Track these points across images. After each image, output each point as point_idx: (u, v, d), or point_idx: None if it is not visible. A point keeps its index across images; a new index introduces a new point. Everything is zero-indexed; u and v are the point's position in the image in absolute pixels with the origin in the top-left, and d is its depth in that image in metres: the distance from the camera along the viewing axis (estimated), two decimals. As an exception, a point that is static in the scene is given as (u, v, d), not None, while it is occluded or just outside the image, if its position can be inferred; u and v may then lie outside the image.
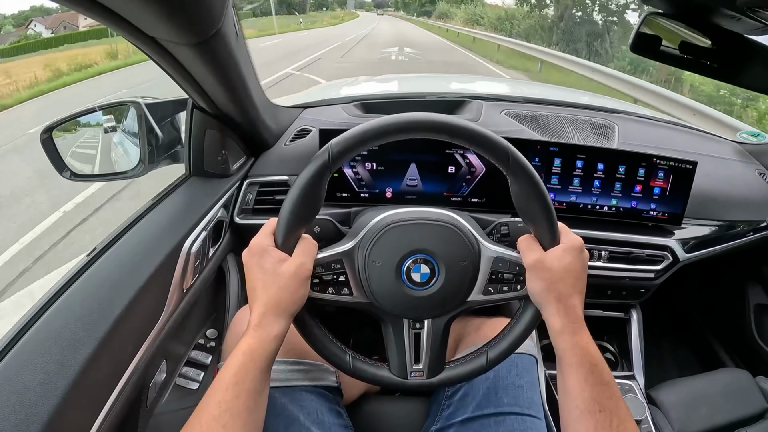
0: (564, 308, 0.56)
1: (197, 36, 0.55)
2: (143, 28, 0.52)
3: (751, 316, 1.30)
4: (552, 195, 0.97)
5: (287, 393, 0.69)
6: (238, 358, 0.51)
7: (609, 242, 0.98)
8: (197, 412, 0.49)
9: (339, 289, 0.61)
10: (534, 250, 0.58)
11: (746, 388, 1.04)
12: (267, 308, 0.54)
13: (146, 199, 0.87)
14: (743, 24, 0.65)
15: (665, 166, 0.95)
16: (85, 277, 0.65)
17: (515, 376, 0.75)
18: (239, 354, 0.52)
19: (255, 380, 0.51)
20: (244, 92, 0.78)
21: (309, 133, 1.04)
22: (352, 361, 0.62)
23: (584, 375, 0.53)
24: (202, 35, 0.56)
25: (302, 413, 0.68)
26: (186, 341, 0.94)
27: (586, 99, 1.55)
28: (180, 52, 0.59)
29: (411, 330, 0.62)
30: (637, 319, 1.11)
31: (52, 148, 0.83)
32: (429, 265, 0.60)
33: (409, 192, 0.93)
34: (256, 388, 0.52)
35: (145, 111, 0.85)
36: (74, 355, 0.54)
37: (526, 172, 0.56)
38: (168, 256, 0.73)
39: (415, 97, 1.30)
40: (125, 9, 0.47)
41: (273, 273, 0.55)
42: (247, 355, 0.52)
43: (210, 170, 0.91)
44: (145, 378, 0.75)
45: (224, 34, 0.59)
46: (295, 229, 0.57)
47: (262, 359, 0.52)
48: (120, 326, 0.61)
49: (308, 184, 0.55)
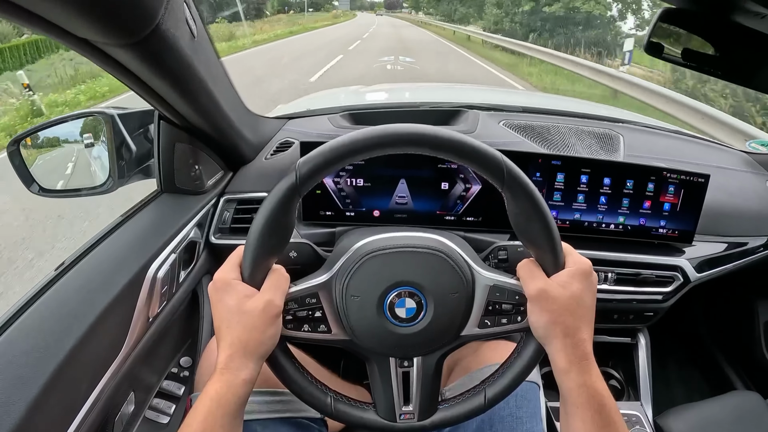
0: (571, 343, 0.51)
1: (129, 36, 0.49)
2: (69, 28, 0.45)
3: (762, 334, 1.25)
4: (554, 213, 0.90)
5: (267, 426, 0.65)
6: (206, 403, 0.48)
7: (616, 263, 0.92)
8: None
9: (315, 327, 0.55)
10: (536, 278, 0.52)
11: (758, 412, 0.99)
12: (233, 350, 0.50)
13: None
14: (766, 22, 0.60)
15: (676, 179, 0.89)
16: (36, 306, 0.60)
17: (513, 406, 0.70)
18: (207, 399, 0.48)
19: (225, 427, 0.48)
20: (209, 101, 0.72)
21: (291, 145, 0.98)
22: (334, 404, 0.56)
23: (591, 416, 0.49)
24: (135, 35, 0.49)
25: None
26: (157, 370, 0.88)
27: (588, 108, 1.50)
28: (118, 54, 0.53)
29: (399, 368, 0.57)
30: (645, 344, 1.05)
31: (19, 161, 0.79)
32: (415, 299, 0.54)
33: (398, 210, 0.86)
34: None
35: (116, 121, 0.80)
36: (20, 394, 0.50)
37: (524, 188, 0.50)
38: (131, 281, 0.68)
39: (408, 107, 1.24)
40: (41, 7, 0.40)
41: (238, 311, 0.50)
42: (215, 401, 0.48)
43: (183, 186, 0.85)
44: (110, 411, 0.69)
45: (166, 32, 0.52)
46: (263, 261, 0.51)
47: (230, 405, 0.49)
48: (73, 360, 0.56)
49: (275, 210, 0.49)
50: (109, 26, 0.46)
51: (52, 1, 0.39)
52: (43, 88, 7.58)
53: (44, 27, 0.43)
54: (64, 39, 0.46)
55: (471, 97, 1.80)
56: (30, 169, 0.79)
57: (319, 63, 10.33)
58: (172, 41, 0.55)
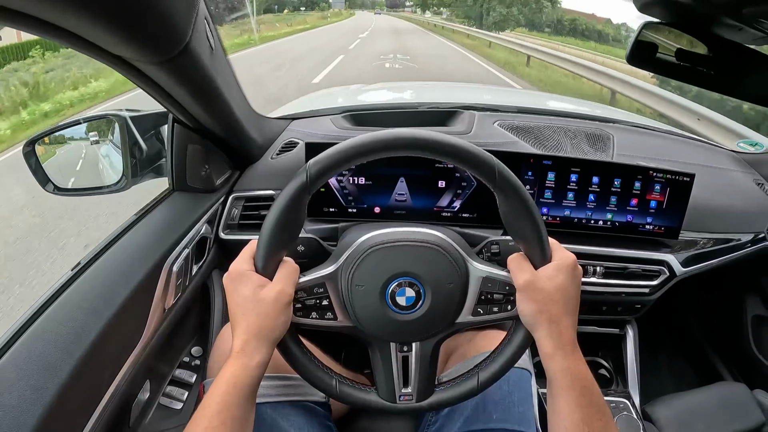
0: (556, 330, 0.54)
1: (163, 54, 0.54)
2: (107, 48, 0.50)
3: (749, 328, 1.28)
4: (545, 209, 0.95)
5: (276, 408, 0.69)
6: (222, 386, 0.51)
7: (604, 257, 0.96)
8: None
9: (323, 314, 0.59)
10: (524, 270, 0.56)
11: (743, 402, 1.02)
12: (248, 335, 0.53)
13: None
14: (744, 34, 0.64)
15: (662, 178, 0.93)
16: (62, 299, 0.64)
17: (506, 391, 0.73)
18: (223, 382, 0.51)
19: (240, 408, 0.51)
20: (223, 106, 0.76)
21: (296, 145, 1.02)
22: (339, 386, 0.60)
23: (575, 398, 0.53)
24: (168, 53, 0.54)
25: (292, 428, 0.67)
26: (170, 360, 0.92)
27: (581, 108, 1.53)
28: (149, 70, 0.58)
29: (399, 353, 0.61)
30: (632, 335, 1.09)
31: (35, 161, 0.82)
32: (414, 288, 0.58)
33: (398, 207, 0.91)
34: (242, 416, 0.51)
35: (129, 123, 0.84)
36: (50, 379, 0.53)
37: (515, 189, 0.54)
38: (148, 275, 0.72)
39: (407, 107, 1.28)
40: (85, 31, 0.45)
41: (252, 299, 0.54)
42: (231, 384, 0.51)
43: (193, 185, 0.89)
44: (128, 398, 0.74)
45: (193, 50, 0.57)
46: (275, 254, 0.56)
47: (246, 387, 0.52)
48: (98, 349, 0.59)
49: (286, 207, 0.54)
50: (144, 46, 0.51)
51: (92, 24, 0.43)
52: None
53: (83, 45, 0.47)
54: (100, 56, 0.51)
55: (468, 97, 1.83)
56: (45, 169, 0.83)
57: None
58: (198, 57, 0.59)
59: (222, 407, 0.50)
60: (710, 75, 0.79)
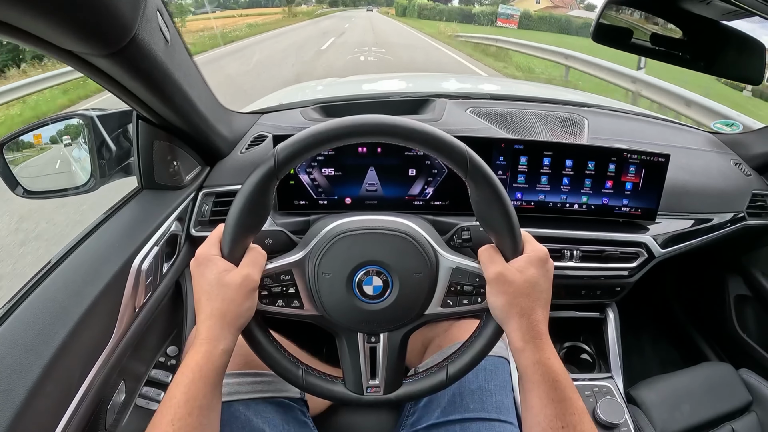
0: (527, 323, 0.54)
1: (111, 46, 0.52)
2: (54, 42, 0.49)
3: (732, 307, 1.29)
4: (519, 194, 0.94)
5: (251, 406, 0.68)
6: (187, 375, 0.50)
7: (581, 241, 0.95)
8: (150, 430, 0.48)
9: (289, 302, 0.59)
10: (495, 262, 0.55)
11: (729, 382, 1.03)
12: (212, 320, 0.53)
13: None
14: (713, 8, 0.63)
15: (636, 160, 0.93)
16: (30, 299, 0.63)
17: (482, 380, 0.73)
18: (188, 371, 0.51)
19: (206, 396, 0.51)
20: (183, 101, 0.75)
21: (265, 139, 1.01)
22: (305, 376, 0.60)
23: (546, 391, 0.52)
24: (116, 44, 0.53)
25: (267, 426, 0.67)
26: (145, 360, 0.91)
27: (555, 93, 1.53)
28: (101, 63, 0.56)
29: (366, 344, 0.60)
30: (613, 318, 1.09)
31: (3, 164, 0.80)
32: (382, 277, 0.57)
33: (369, 197, 0.90)
34: (208, 404, 0.51)
35: (96, 122, 0.83)
36: (19, 381, 0.53)
37: (486, 178, 0.53)
38: (116, 274, 0.71)
39: (378, 97, 1.27)
40: (29, 24, 0.44)
41: (217, 284, 0.53)
42: (196, 372, 0.51)
43: (162, 182, 0.87)
44: (102, 399, 0.73)
45: (143, 41, 0.56)
46: (242, 239, 0.55)
47: (210, 375, 0.51)
48: (67, 349, 0.59)
49: (253, 191, 0.53)
50: (90, 38, 0.50)
51: (35, 18, 0.43)
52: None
53: (34, 41, 0.46)
54: (51, 51, 0.50)
55: (440, 86, 1.82)
56: (14, 173, 0.81)
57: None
58: (148, 49, 0.58)
59: (188, 397, 0.49)
60: (683, 54, 0.78)
